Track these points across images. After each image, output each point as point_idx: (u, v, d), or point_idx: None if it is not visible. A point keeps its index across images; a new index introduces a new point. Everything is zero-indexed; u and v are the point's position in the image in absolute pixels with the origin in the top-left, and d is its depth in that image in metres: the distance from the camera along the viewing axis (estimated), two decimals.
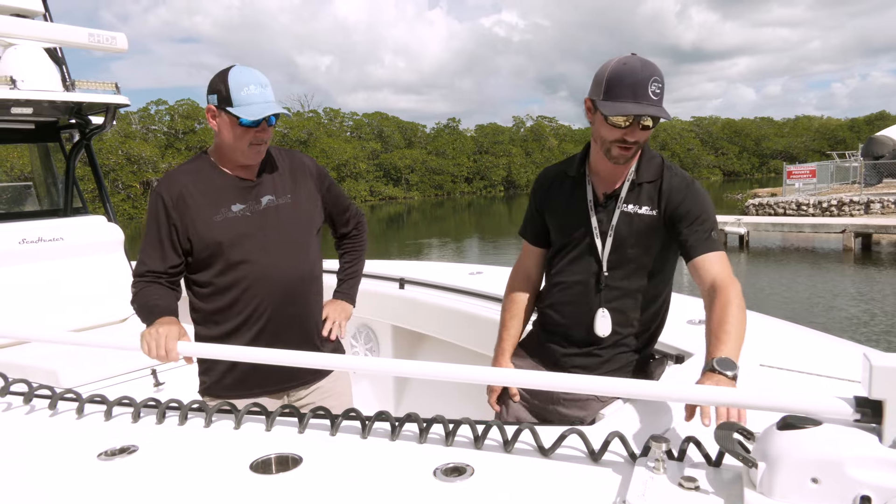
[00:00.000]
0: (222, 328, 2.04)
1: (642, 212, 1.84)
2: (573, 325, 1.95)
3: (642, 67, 1.70)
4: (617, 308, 1.88)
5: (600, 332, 1.89)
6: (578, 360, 1.96)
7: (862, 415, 1.03)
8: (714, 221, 1.83)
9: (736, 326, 1.57)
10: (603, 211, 1.88)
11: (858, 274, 15.12)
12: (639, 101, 1.69)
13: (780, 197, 26.57)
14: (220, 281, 2.02)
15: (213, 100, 1.96)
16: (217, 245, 1.98)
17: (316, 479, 1.26)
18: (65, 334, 2.37)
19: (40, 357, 3.18)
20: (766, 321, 2.65)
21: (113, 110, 4.19)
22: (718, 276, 1.71)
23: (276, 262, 2.04)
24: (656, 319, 1.98)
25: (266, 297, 2.03)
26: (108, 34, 4.12)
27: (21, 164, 6.50)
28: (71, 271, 3.92)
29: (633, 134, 1.74)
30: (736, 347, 1.53)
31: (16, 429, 1.60)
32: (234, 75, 1.93)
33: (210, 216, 1.99)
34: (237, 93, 1.91)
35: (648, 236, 1.84)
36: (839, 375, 1.85)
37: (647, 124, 1.73)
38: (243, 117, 1.91)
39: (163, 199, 1.99)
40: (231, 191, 2.03)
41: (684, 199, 1.81)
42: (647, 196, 1.85)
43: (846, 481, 0.94)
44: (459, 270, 4.14)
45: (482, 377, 1.52)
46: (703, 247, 1.77)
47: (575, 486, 1.19)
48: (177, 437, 1.49)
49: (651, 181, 1.86)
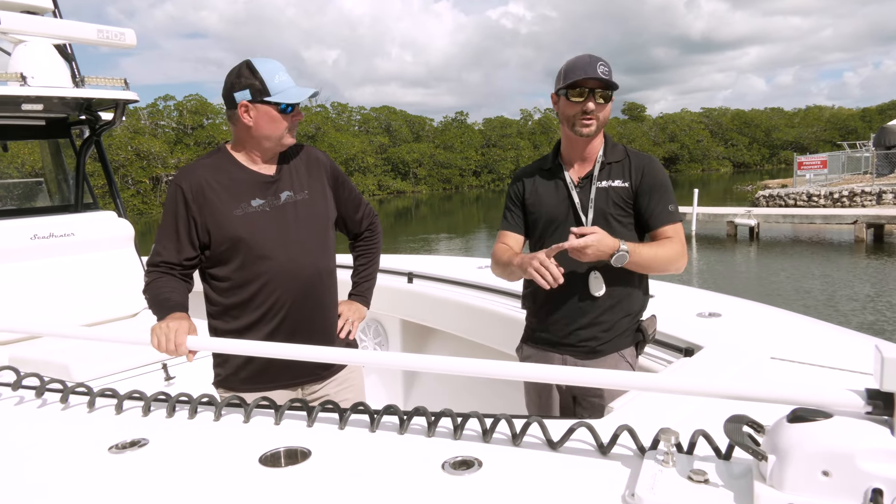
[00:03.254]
0: (240, 322, 2.05)
1: (615, 185, 2.15)
2: (569, 294, 2.14)
3: (590, 56, 2.09)
4: (606, 269, 2.10)
5: (595, 292, 2.12)
6: (584, 332, 2.16)
7: (873, 407, 1.02)
8: (672, 195, 2.16)
9: (658, 250, 2.07)
10: (581, 191, 2.18)
11: (870, 265, 14.99)
12: (589, 75, 2.05)
13: (791, 188, 26.36)
14: (240, 275, 2.03)
15: (245, 95, 1.97)
16: (237, 239, 2.00)
17: (324, 472, 1.26)
18: (76, 329, 2.39)
19: (51, 352, 3.21)
20: (776, 314, 2.64)
21: (122, 106, 4.20)
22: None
23: (296, 258, 2.05)
24: (643, 277, 2.22)
25: (285, 292, 2.04)
26: (117, 30, 4.13)
27: (32, 161, 6.54)
28: (82, 267, 3.94)
29: (590, 102, 2.07)
30: (646, 249, 2.05)
31: (28, 422, 1.62)
32: (262, 67, 1.97)
33: (230, 210, 2.00)
34: (271, 82, 1.96)
35: (624, 206, 2.14)
36: (851, 368, 1.84)
37: (600, 100, 2.08)
38: (285, 102, 1.96)
39: (182, 191, 2.00)
40: (251, 185, 2.04)
41: (648, 173, 2.14)
42: (617, 172, 2.17)
43: (857, 474, 0.94)
44: (468, 264, 4.14)
45: (490, 371, 1.52)
46: (663, 218, 2.12)
47: (584, 480, 1.19)
48: (187, 431, 1.50)
49: (619, 160, 2.18)
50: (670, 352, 2.32)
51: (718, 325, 2.42)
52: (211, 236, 2.00)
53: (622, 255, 1.97)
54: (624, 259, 1.98)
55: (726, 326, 2.40)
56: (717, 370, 1.93)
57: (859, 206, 22.25)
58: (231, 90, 1.99)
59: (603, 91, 2.08)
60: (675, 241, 2.11)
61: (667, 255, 2.07)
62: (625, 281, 2.15)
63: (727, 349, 2.11)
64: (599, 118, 2.10)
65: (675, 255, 2.09)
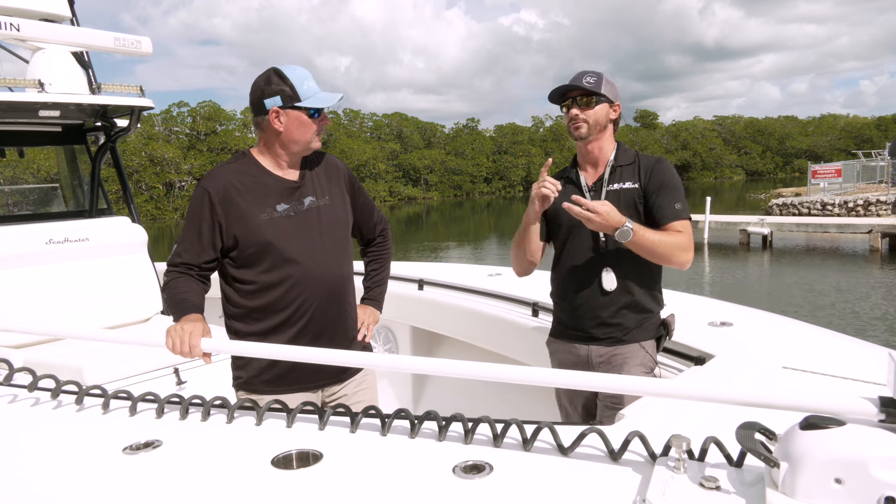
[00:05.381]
0: (264, 325, 2.07)
1: (626, 186, 2.27)
2: (585, 288, 2.28)
3: (582, 71, 2.29)
4: (618, 266, 2.24)
5: (607, 287, 2.24)
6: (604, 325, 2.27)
7: (887, 415, 1.02)
8: (682, 192, 2.24)
9: (663, 236, 2.14)
10: (594, 194, 2.31)
11: (886, 275, 14.82)
12: (571, 85, 2.26)
13: (805, 197, 26.15)
14: (265, 279, 2.05)
15: (275, 102, 2.01)
16: (265, 244, 2.02)
17: (336, 475, 1.27)
18: (93, 330, 2.41)
19: (65, 355, 3.25)
20: (788, 323, 2.62)
21: (137, 113, 4.26)
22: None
23: (321, 263, 2.09)
24: (653, 275, 2.31)
25: (309, 296, 2.07)
26: (133, 38, 4.19)
27: (48, 167, 6.63)
28: (95, 272, 3.98)
29: (574, 109, 2.27)
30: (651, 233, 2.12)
31: (44, 423, 1.64)
32: (292, 74, 2.03)
33: (256, 215, 2.03)
34: (301, 88, 2.02)
35: (634, 206, 2.24)
36: (864, 378, 1.82)
37: (584, 105, 2.25)
38: (315, 107, 2.02)
39: (209, 195, 2.02)
40: (276, 191, 2.08)
41: (657, 172, 2.25)
42: (628, 174, 2.29)
43: (870, 482, 0.93)
44: (478, 272, 4.15)
45: (501, 375, 1.52)
46: (670, 214, 2.19)
47: (594, 486, 1.19)
48: (199, 433, 1.51)
49: (628, 164, 2.31)
50: (682, 360, 2.32)
51: (730, 335, 2.40)
52: (238, 240, 2.03)
53: (626, 231, 2.06)
54: (627, 235, 2.07)
55: (738, 336, 2.39)
56: (729, 378, 1.92)
57: (874, 215, 22.02)
58: (261, 97, 2.03)
59: (585, 98, 2.25)
60: (683, 234, 2.18)
61: (672, 242, 2.14)
62: (638, 277, 2.26)
63: (739, 358, 2.10)
64: (589, 121, 2.26)
65: (681, 245, 2.16)
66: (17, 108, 3.78)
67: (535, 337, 2.84)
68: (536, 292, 3.20)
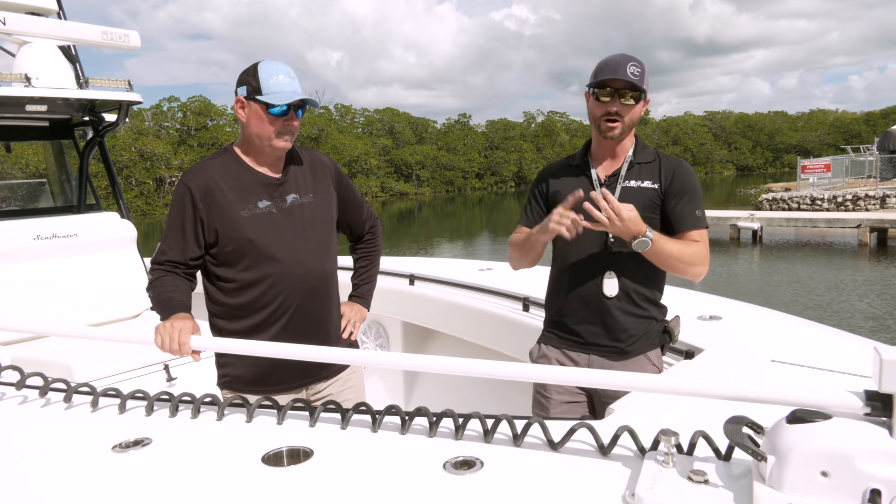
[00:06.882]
0: (246, 323, 2.06)
1: (644, 185, 2.10)
2: (586, 294, 2.13)
3: (623, 55, 2.04)
4: (622, 270, 2.10)
5: (608, 292, 2.10)
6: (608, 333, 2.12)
7: (872, 409, 1.03)
8: (701, 200, 2.12)
9: (682, 247, 2.00)
10: (607, 188, 2.08)
11: (874, 269, 14.96)
12: (618, 76, 2.00)
13: (794, 192, 26.31)
14: (246, 276, 2.04)
15: (242, 91, 2.00)
16: (245, 241, 2.01)
17: (327, 472, 1.27)
18: (81, 328, 2.40)
19: (54, 352, 3.22)
20: (777, 317, 2.64)
21: (126, 107, 4.22)
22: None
23: (303, 260, 2.07)
24: (658, 282, 2.18)
25: (291, 293, 2.06)
26: (122, 32, 4.16)
27: (35, 162, 6.57)
28: (84, 268, 3.96)
29: (615, 105, 2.03)
30: (671, 243, 1.98)
31: (32, 421, 1.62)
32: (264, 67, 1.99)
33: (237, 211, 2.01)
34: (266, 82, 1.97)
35: (651, 209, 2.08)
36: (851, 371, 1.84)
37: (628, 102, 2.03)
38: (273, 103, 1.96)
39: (190, 191, 2.01)
40: (258, 187, 2.06)
41: (679, 175, 2.11)
42: (647, 173, 2.12)
43: (856, 475, 0.94)
44: (469, 267, 4.15)
45: (491, 371, 1.53)
46: (690, 222, 2.07)
47: (584, 480, 1.19)
48: (189, 430, 1.51)
49: (648, 162, 2.14)
50: (671, 354, 2.33)
51: (719, 329, 2.42)
52: (219, 236, 2.01)
53: (644, 241, 1.91)
54: (646, 245, 1.92)
55: (727, 329, 2.41)
56: (718, 372, 1.93)
57: (863, 209, 22.21)
58: (236, 85, 2.04)
59: (631, 93, 2.03)
60: (700, 245, 2.06)
61: (690, 254, 2.01)
62: (642, 283, 2.12)
63: (727, 352, 2.11)
64: (625, 120, 2.05)
65: (698, 258, 2.03)
66: (4, 103, 3.74)
67: (526, 331, 2.85)
68: (527, 287, 3.21)
